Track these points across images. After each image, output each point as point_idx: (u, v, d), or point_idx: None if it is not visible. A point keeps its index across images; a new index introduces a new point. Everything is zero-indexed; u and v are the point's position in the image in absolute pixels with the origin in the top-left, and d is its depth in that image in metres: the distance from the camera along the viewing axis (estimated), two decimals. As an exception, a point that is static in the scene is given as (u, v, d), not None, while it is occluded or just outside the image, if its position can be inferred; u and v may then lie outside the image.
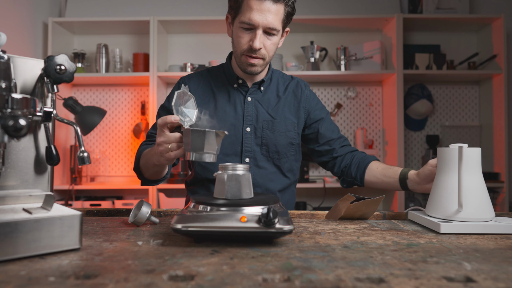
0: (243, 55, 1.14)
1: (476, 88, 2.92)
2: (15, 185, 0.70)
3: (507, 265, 0.59)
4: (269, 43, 1.13)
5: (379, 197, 0.95)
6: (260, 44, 1.10)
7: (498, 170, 2.67)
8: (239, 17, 1.11)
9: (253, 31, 1.10)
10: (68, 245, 0.63)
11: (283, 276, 0.53)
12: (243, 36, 1.12)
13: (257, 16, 1.07)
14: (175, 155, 0.92)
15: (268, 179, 1.23)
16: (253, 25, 1.09)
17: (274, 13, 1.08)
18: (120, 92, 2.92)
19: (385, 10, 2.83)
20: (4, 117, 0.57)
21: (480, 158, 0.88)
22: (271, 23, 1.09)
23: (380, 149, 2.89)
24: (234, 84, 1.24)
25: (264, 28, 1.09)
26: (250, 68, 1.16)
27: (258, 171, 1.22)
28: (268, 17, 1.08)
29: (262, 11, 1.07)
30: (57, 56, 0.70)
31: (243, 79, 1.23)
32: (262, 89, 1.26)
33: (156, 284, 0.49)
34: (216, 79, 1.27)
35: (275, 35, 1.12)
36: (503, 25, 2.60)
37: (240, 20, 1.11)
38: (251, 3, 1.08)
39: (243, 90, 1.24)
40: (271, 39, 1.12)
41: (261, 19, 1.08)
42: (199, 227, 0.67)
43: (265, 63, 1.17)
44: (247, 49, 1.12)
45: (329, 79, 2.83)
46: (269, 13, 1.08)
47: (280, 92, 1.28)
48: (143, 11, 2.86)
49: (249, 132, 1.21)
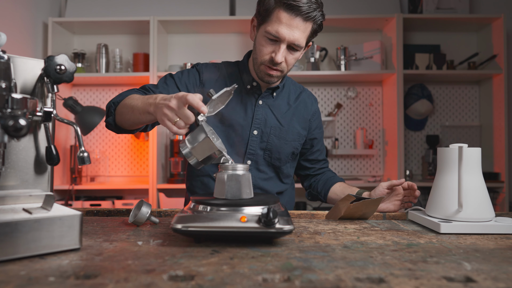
0: (262, 65, 1.13)
1: (476, 88, 2.92)
2: (15, 185, 0.70)
3: (507, 265, 0.59)
4: (290, 57, 1.11)
5: (379, 197, 0.95)
6: (282, 58, 1.08)
7: (498, 170, 2.67)
8: (266, 26, 1.08)
9: (277, 44, 1.08)
10: (68, 245, 0.63)
11: (283, 276, 0.53)
12: (267, 46, 1.10)
13: (285, 30, 1.05)
14: (176, 131, 0.83)
15: (266, 183, 1.25)
16: (278, 38, 1.06)
17: (302, 30, 1.06)
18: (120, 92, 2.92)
19: (385, 10, 2.83)
20: (4, 117, 0.56)
21: (480, 158, 0.88)
22: (297, 39, 1.06)
23: (380, 149, 2.89)
24: (248, 86, 1.23)
25: (289, 43, 1.07)
26: (267, 78, 1.15)
27: (257, 174, 1.23)
28: (295, 33, 1.05)
29: (291, 27, 1.05)
30: (57, 56, 0.70)
31: (257, 82, 1.22)
32: (275, 95, 1.25)
33: (156, 284, 0.49)
34: (231, 76, 1.24)
35: (298, 51, 1.11)
36: (503, 25, 2.60)
37: (266, 29, 1.08)
38: (281, 16, 1.04)
39: (256, 93, 1.23)
40: (293, 54, 1.11)
41: (288, 35, 1.05)
42: (199, 227, 0.67)
43: (283, 75, 1.16)
44: (268, 60, 1.11)
45: (329, 79, 2.83)
46: (297, 29, 1.05)
47: (291, 101, 1.28)
48: (143, 11, 2.86)
49: (255, 135, 1.21)
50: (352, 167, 2.91)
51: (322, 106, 2.93)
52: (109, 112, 1.10)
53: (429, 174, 2.73)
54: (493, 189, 2.64)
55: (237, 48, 2.86)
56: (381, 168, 2.88)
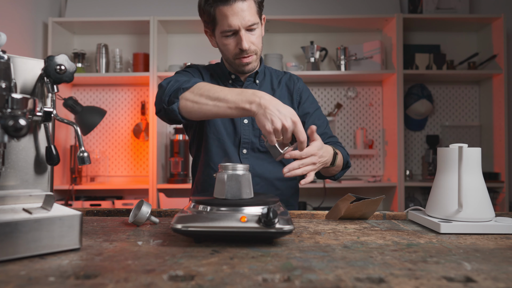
0: (236, 59, 1.17)
1: (476, 88, 2.92)
2: (15, 185, 0.70)
3: (507, 265, 0.59)
4: (254, 38, 1.15)
5: (379, 197, 0.95)
6: (248, 43, 1.13)
7: (498, 170, 2.67)
8: (218, 28, 1.14)
9: (236, 35, 1.13)
10: (68, 245, 0.63)
11: (283, 276, 0.53)
12: (229, 42, 1.15)
13: (234, 19, 1.09)
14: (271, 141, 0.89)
15: (267, 169, 1.24)
16: (234, 30, 1.11)
17: (248, 10, 1.10)
18: (120, 92, 2.92)
19: (385, 10, 2.83)
20: (4, 117, 0.56)
21: (480, 158, 0.88)
22: (249, 20, 1.11)
23: (380, 149, 2.89)
24: (229, 80, 1.27)
25: (245, 28, 1.12)
26: (246, 68, 1.19)
27: (256, 162, 1.23)
28: (244, 16, 1.10)
29: (237, 13, 1.09)
30: (57, 56, 0.70)
31: (235, 75, 1.26)
32: (258, 82, 1.28)
33: (156, 284, 0.49)
34: (213, 75, 1.30)
35: (256, 28, 1.15)
36: (503, 25, 2.60)
37: (220, 30, 1.13)
38: (224, 11, 1.09)
39: (238, 85, 1.27)
40: (254, 33, 1.15)
41: (239, 21, 1.10)
42: (199, 227, 0.67)
43: (257, 56, 1.20)
44: (238, 53, 1.16)
45: (329, 79, 2.83)
46: (243, 12, 1.09)
47: (274, 85, 1.31)
48: (143, 11, 2.86)
49: (246, 124, 1.23)
50: (352, 167, 2.91)
51: (322, 106, 2.93)
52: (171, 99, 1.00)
53: (429, 174, 2.73)
54: (493, 189, 2.64)
55: (237, 48, 2.85)
56: (381, 168, 2.88)
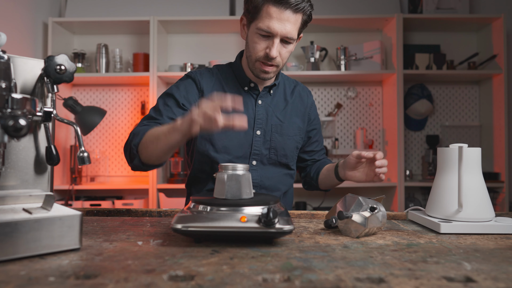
0: (257, 61, 1.13)
1: (476, 88, 2.92)
2: (15, 185, 0.70)
3: (507, 265, 0.59)
4: (284, 51, 1.11)
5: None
6: (276, 53, 1.09)
7: (498, 170, 2.67)
8: (257, 23, 1.08)
9: (270, 39, 1.08)
10: (68, 245, 0.63)
11: (283, 276, 0.53)
12: (260, 42, 1.10)
13: (276, 25, 1.05)
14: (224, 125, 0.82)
15: (275, 181, 1.23)
16: (271, 34, 1.07)
17: (293, 23, 1.07)
18: (120, 92, 2.92)
19: (385, 10, 2.83)
20: (4, 117, 0.57)
21: (480, 158, 0.88)
22: (289, 32, 1.07)
23: (380, 149, 2.89)
24: (245, 87, 1.22)
25: (282, 37, 1.08)
26: (263, 75, 1.15)
27: (265, 174, 1.21)
28: (287, 26, 1.06)
29: (282, 20, 1.05)
30: (57, 56, 0.70)
31: (255, 83, 1.22)
32: (272, 92, 1.25)
33: (156, 284, 0.49)
34: (227, 79, 1.23)
35: (291, 43, 1.11)
36: (503, 25, 2.60)
37: (257, 26, 1.08)
38: (271, 11, 1.05)
39: (254, 94, 1.23)
40: (287, 47, 1.11)
41: (280, 28, 1.06)
42: (199, 227, 0.67)
43: (278, 70, 1.16)
44: (263, 56, 1.11)
45: (329, 79, 2.83)
46: (288, 22, 1.06)
47: (287, 96, 1.28)
48: (143, 11, 2.86)
49: (259, 136, 1.21)
50: (352, 167, 2.90)
51: (322, 106, 2.93)
52: (131, 155, 1.06)
53: (429, 174, 2.73)
54: (493, 189, 2.64)
55: (237, 48, 2.85)
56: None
